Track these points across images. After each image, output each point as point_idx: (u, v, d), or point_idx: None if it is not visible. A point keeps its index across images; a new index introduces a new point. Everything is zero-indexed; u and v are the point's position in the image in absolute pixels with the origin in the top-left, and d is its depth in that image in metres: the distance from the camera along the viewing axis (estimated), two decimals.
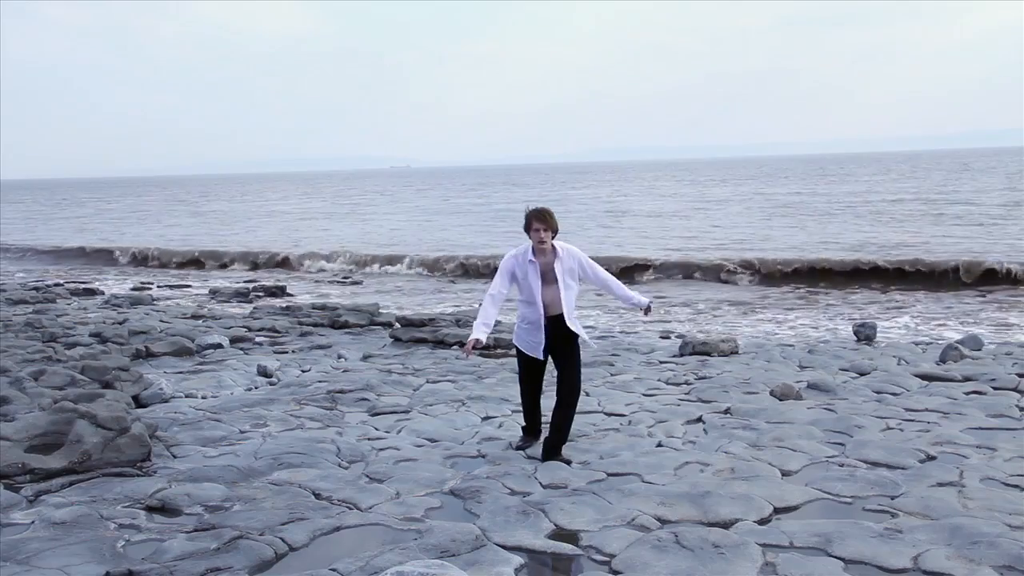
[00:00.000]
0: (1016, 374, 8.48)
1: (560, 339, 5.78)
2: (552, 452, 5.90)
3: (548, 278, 5.70)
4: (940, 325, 13.50)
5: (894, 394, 7.96)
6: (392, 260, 25.15)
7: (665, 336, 12.49)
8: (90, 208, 68.35)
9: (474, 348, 5.64)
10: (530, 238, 5.71)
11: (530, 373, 6.02)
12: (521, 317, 5.87)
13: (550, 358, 5.93)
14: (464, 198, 66.25)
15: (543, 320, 5.71)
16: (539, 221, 5.63)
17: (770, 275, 19.88)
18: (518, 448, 6.18)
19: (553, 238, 5.70)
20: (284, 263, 26.42)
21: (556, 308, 5.72)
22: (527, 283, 5.72)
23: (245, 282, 20.92)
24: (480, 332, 5.59)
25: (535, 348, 5.80)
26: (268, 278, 22.72)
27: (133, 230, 41.97)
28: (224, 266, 27.09)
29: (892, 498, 5.16)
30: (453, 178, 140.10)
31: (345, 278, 22.65)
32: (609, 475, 5.61)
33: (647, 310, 6.09)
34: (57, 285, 19.63)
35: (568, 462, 5.86)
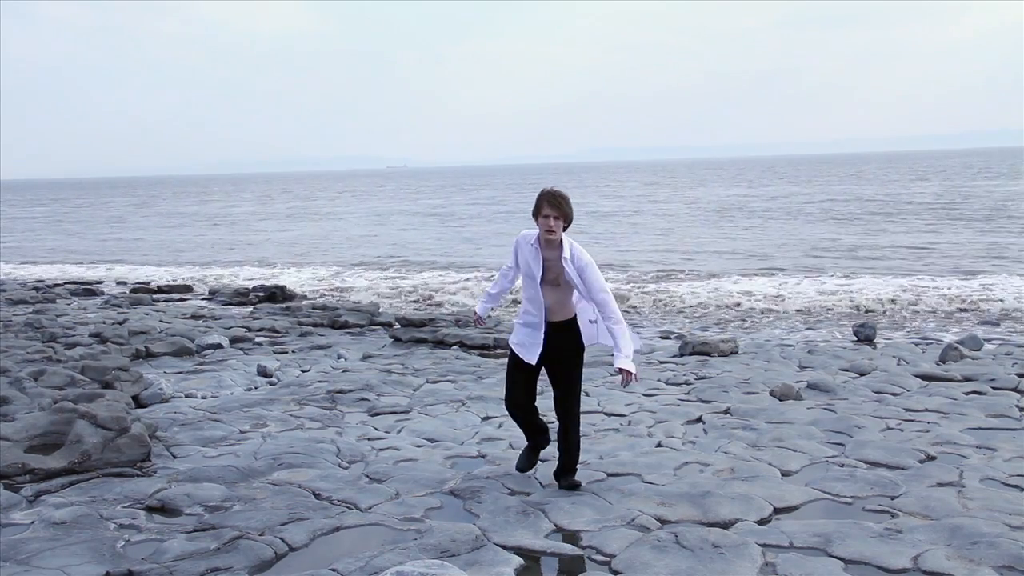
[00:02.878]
0: (1016, 374, 8.49)
1: (561, 351, 5.08)
2: (565, 477, 5.30)
3: (555, 279, 4.94)
4: (940, 326, 13.50)
5: (894, 394, 7.96)
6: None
7: (665, 336, 12.49)
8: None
9: (477, 322, 5.77)
10: (538, 225, 4.86)
11: (518, 381, 5.18)
12: (521, 313, 5.16)
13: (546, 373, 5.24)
14: (429, 199, 67.16)
15: (544, 323, 5.02)
16: (551, 207, 4.75)
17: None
18: (521, 470, 5.46)
19: (565, 229, 4.87)
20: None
21: (563, 314, 5.05)
22: (529, 274, 4.98)
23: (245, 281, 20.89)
24: (479, 304, 5.64)
25: (529, 351, 5.06)
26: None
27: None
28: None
29: (892, 498, 5.16)
30: (438, 178, 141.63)
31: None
32: (609, 475, 5.61)
33: (623, 374, 4.91)
34: (57, 285, 19.63)
35: (578, 485, 5.27)
